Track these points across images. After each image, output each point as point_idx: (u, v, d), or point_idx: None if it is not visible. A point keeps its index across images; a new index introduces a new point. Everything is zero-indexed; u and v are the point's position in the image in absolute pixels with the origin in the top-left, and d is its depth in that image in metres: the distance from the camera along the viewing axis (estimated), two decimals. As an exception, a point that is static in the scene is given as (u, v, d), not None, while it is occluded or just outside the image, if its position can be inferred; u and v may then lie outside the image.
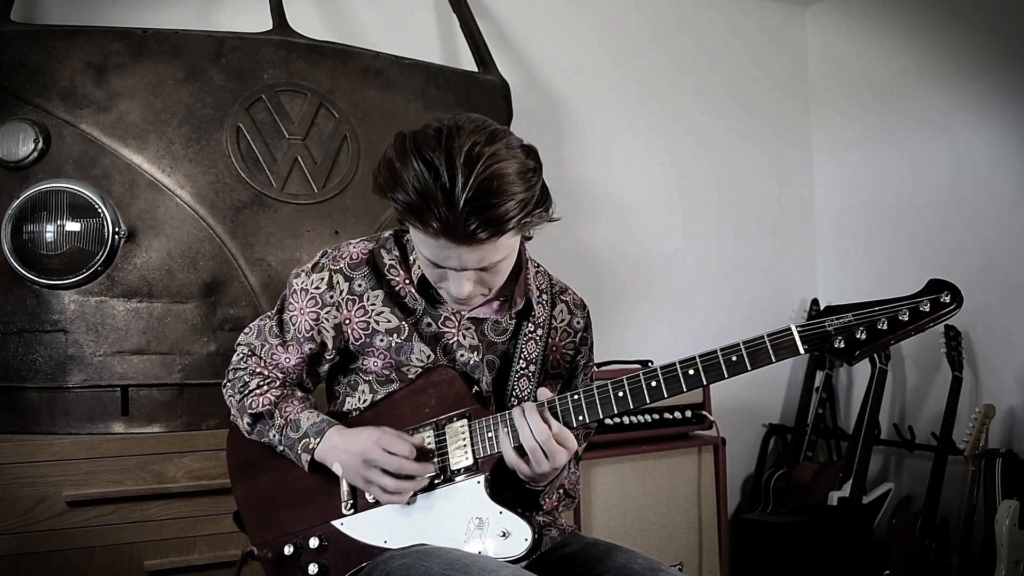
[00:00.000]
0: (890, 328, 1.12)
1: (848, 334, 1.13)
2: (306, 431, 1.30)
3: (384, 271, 1.32)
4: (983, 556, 2.70)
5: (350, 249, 1.34)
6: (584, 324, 1.44)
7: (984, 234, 3.02)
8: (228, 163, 2.00)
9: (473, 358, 1.32)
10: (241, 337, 1.43)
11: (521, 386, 1.35)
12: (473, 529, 1.23)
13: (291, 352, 1.36)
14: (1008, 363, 2.94)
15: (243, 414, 1.37)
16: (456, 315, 1.32)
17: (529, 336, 1.36)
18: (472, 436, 1.26)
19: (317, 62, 2.12)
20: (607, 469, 2.58)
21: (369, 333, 1.31)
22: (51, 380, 1.90)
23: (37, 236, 1.88)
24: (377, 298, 1.31)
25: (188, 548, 1.87)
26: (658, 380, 1.19)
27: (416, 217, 1.12)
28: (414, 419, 1.30)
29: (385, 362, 1.32)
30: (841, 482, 3.00)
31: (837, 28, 3.56)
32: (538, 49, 3.04)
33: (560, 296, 1.43)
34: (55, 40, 1.94)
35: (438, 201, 1.09)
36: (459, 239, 1.12)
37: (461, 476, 1.26)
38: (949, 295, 1.12)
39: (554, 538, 1.36)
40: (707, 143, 3.39)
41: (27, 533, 1.74)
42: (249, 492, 1.39)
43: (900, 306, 1.13)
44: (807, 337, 1.14)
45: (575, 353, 1.43)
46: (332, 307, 1.31)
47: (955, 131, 3.11)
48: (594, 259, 3.13)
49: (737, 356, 1.16)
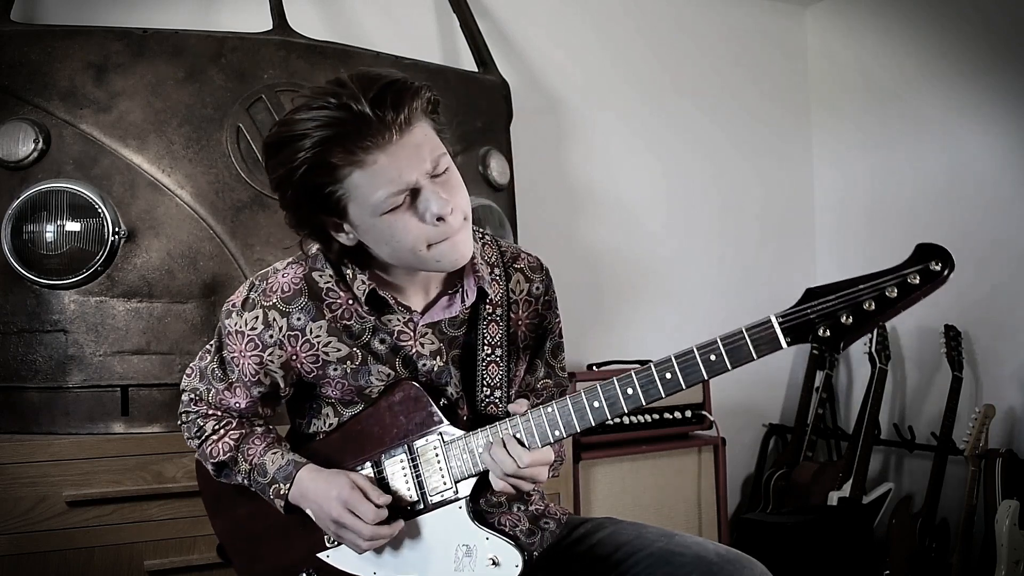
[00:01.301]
0: (878, 308, 1.01)
1: (832, 320, 1.02)
2: (273, 476, 1.24)
3: (322, 295, 1.22)
4: (983, 556, 2.70)
5: (279, 280, 1.23)
6: (544, 286, 1.35)
7: (984, 234, 3.02)
8: (228, 163, 2.00)
9: (436, 364, 1.25)
10: (184, 380, 1.35)
11: (491, 373, 1.27)
12: (462, 557, 1.20)
13: (239, 396, 1.29)
14: (1008, 363, 2.94)
15: (206, 461, 1.31)
16: (408, 324, 1.24)
17: (489, 318, 1.27)
18: (447, 456, 1.21)
19: (317, 62, 2.12)
20: (607, 469, 2.58)
21: (320, 365, 1.23)
22: (51, 380, 1.90)
23: (37, 236, 1.88)
24: (321, 328, 1.21)
25: (188, 548, 1.87)
26: (634, 387, 1.12)
27: (343, 157, 1.06)
28: (381, 441, 1.24)
29: (345, 389, 1.25)
30: (841, 482, 3.00)
31: (837, 28, 3.56)
32: (538, 49, 3.04)
33: (513, 265, 1.33)
34: (55, 40, 1.94)
35: (346, 117, 1.04)
36: (386, 132, 1.06)
37: (440, 502, 1.22)
38: (939, 262, 1.00)
39: (553, 531, 1.35)
40: (707, 143, 3.39)
41: (27, 533, 1.74)
42: (229, 526, 1.37)
43: (886, 281, 1.01)
44: (789, 328, 1.03)
45: (540, 320, 1.35)
46: (274, 347, 1.22)
47: (955, 131, 3.11)
48: (594, 259, 3.13)
49: (716, 355, 1.07)
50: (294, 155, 1.07)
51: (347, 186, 1.10)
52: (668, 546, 1.26)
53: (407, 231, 1.12)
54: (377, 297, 1.21)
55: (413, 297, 1.26)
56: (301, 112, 1.08)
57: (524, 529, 1.34)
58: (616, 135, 3.20)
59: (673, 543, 1.26)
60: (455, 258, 1.16)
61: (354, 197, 1.11)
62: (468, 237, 1.17)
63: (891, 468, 3.31)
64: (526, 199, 2.72)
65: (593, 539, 1.32)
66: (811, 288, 1.04)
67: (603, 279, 3.14)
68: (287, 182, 1.11)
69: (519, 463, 1.15)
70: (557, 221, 3.03)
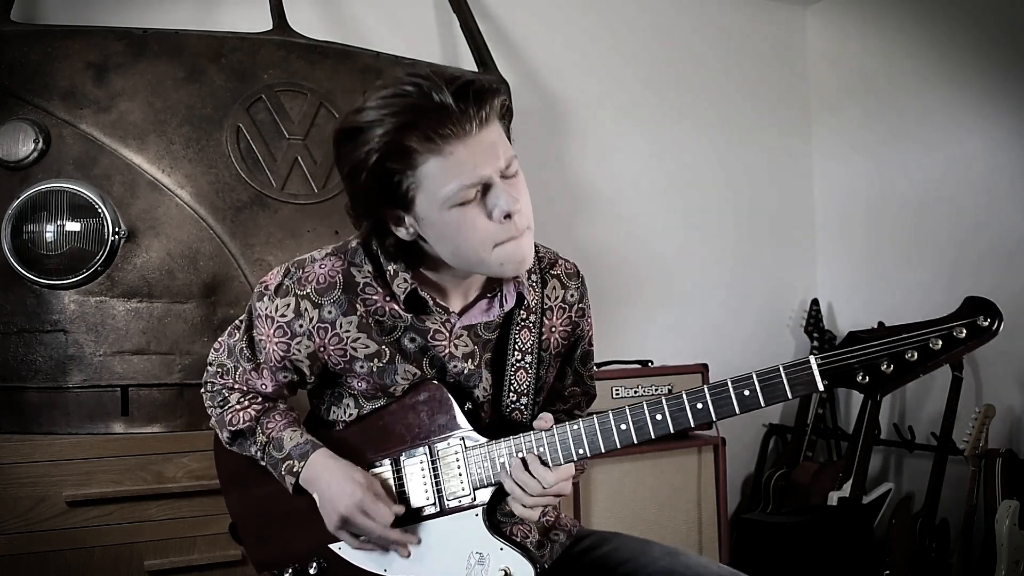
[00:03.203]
0: (920, 359, 0.99)
1: (872, 367, 1.01)
2: (289, 452, 1.24)
3: (357, 291, 1.21)
4: (983, 556, 2.70)
5: (316, 270, 1.21)
6: (579, 294, 1.35)
7: (984, 234, 3.02)
8: (228, 163, 2.00)
9: (468, 367, 1.24)
10: (212, 354, 1.35)
11: (519, 379, 1.26)
12: (474, 565, 1.20)
13: (266, 378, 1.28)
14: (1008, 363, 2.94)
15: (223, 428, 1.31)
16: (446, 325, 1.23)
17: (522, 324, 1.27)
18: (468, 462, 1.21)
19: (317, 62, 2.12)
20: (607, 469, 2.58)
21: (348, 360, 1.22)
22: (51, 380, 1.90)
23: (37, 236, 1.88)
24: (351, 324, 1.20)
25: (188, 548, 1.87)
26: (664, 414, 1.11)
27: (421, 143, 1.06)
28: (403, 439, 1.24)
29: (369, 384, 1.24)
30: (841, 482, 2.99)
31: (837, 28, 3.56)
32: (538, 49, 3.04)
33: (550, 272, 1.33)
34: (55, 40, 1.94)
35: (428, 105, 1.05)
36: (467, 124, 1.06)
37: (457, 507, 1.22)
38: (988, 318, 0.98)
39: (563, 543, 1.34)
40: (707, 143, 3.39)
41: (27, 533, 1.74)
42: (242, 505, 1.36)
43: (931, 333, 0.99)
44: (828, 371, 1.02)
45: (573, 328, 1.35)
46: (303, 337, 1.21)
47: (955, 131, 3.10)
48: (594, 258, 3.13)
49: (750, 390, 1.06)
50: (371, 139, 1.07)
51: (419, 175, 1.09)
52: (672, 565, 1.25)
53: (474, 228, 1.11)
54: (416, 297, 1.20)
55: (452, 299, 1.25)
56: (379, 99, 1.07)
57: (535, 541, 1.33)
58: (616, 135, 3.20)
59: (677, 562, 1.25)
60: (519, 260, 1.14)
61: (425, 187, 1.09)
62: (531, 244, 1.16)
63: (891, 468, 3.31)
64: (526, 199, 2.72)
65: (598, 552, 1.32)
66: (854, 332, 1.03)
67: (603, 279, 3.13)
68: (360, 166, 1.09)
69: (543, 484, 1.14)
70: (557, 221, 3.03)
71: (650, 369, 2.78)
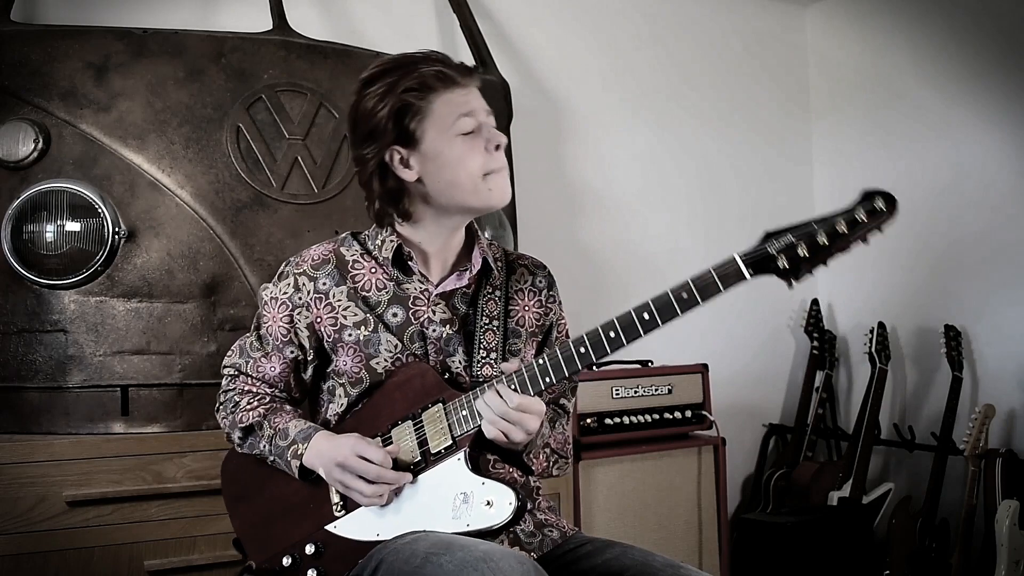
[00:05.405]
0: (830, 241, 1.14)
1: (791, 252, 1.16)
2: (294, 438, 1.33)
3: (348, 267, 1.38)
4: (983, 556, 2.70)
5: (310, 252, 1.41)
6: (547, 283, 1.49)
7: (984, 234, 3.02)
8: (228, 163, 2.00)
9: (446, 331, 1.36)
10: (226, 360, 1.46)
11: (487, 339, 1.39)
12: (459, 504, 1.24)
13: (274, 360, 1.40)
14: (1008, 363, 2.94)
15: (234, 429, 1.41)
16: (424, 293, 1.37)
17: (488, 296, 1.41)
18: (448, 417, 1.29)
19: (317, 62, 2.12)
20: (607, 469, 2.58)
21: (338, 329, 1.35)
22: (51, 380, 1.90)
23: (37, 236, 1.88)
24: (342, 293, 1.36)
25: (188, 548, 1.87)
26: (616, 330, 1.23)
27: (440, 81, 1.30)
28: (391, 417, 1.33)
29: (355, 358, 1.35)
30: (841, 482, 3.00)
31: (837, 28, 3.56)
32: (538, 49, 3.04)
33: (517, 262, 1.49)
34: (55, 40, 1.94)
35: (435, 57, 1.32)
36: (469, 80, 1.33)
37: (442, 457, 1.28)
38: (883, 201, 1.16)
39: (555, 539, 1.36)
40: (707, 143, 3.39)
41: (27, 533, 1.74)
42: (245, 520, 1.42)
43: (835, 217, 1.16)
44: (751, 261, 1.17)
45: (546, 311, 1.48)
46: (302, 308, 1.37)
47: (955, 131, 3.11)
48: (594, 258, 3.13)
49: (687, 292, 1.22)
50: (395, 75, 1.30)
51: (432, 109, 1.30)
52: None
53: (474, 154, 1.31)
54: (401, 254, 1.36)
55: (432, 268, 1.40)
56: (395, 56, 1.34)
57: (527, 530, 1.35)
58: (616, 135, 3.20)
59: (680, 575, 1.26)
60: (503, 191, 1.35)
61: (435, 120, 1.30)
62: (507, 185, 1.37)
63: (891, 468, 3.31)
64: (526, 199, 2.72)
65: (599, 558, 1.33)
66: (769, 230, 1.18)
67: (603, 279, 3.14)
68: (383, 99, 1.30)
69: (508, 402, 1.23)
70: (557, 221, 3.03)
71: (650, 369, 2.78)
